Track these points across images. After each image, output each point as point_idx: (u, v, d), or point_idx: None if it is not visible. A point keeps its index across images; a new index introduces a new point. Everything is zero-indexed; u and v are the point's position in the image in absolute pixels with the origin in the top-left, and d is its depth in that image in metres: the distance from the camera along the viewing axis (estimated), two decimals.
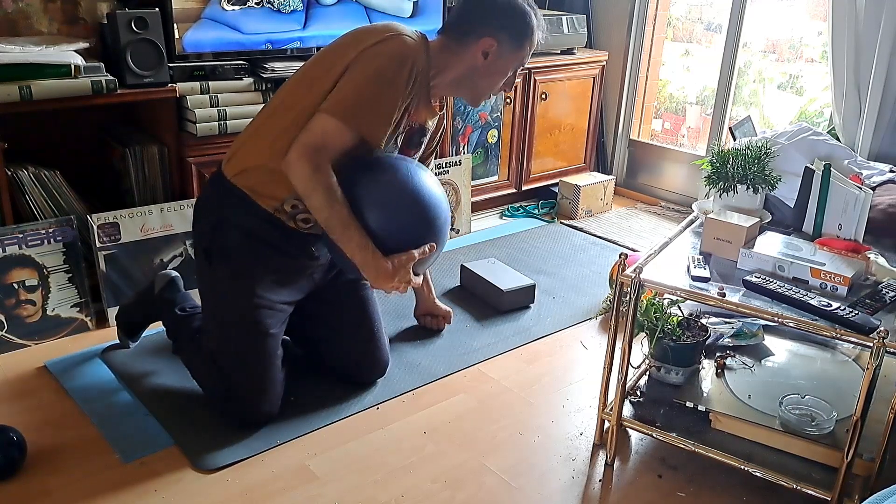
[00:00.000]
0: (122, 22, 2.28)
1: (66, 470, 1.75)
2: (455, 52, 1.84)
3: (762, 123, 3.67)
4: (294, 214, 1.82)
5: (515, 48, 1.85)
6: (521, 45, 1.85)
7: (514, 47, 1.84)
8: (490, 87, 1.91)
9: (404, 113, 1.78)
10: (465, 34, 1.82)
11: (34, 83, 2.14)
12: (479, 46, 1.82)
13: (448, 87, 1.89)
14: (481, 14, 1.83)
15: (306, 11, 2.69)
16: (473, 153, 3.32)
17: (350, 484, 1.76)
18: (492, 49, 1.82)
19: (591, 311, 2.62)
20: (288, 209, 1.81)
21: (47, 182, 2.31)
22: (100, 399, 2.01)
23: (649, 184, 3.91)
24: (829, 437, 1.70)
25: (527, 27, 1.84)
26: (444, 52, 1.84)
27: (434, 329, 2.44)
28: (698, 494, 1.78)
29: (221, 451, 1.83)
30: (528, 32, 1.85)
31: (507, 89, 1.95)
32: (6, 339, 2.23)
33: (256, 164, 1.79)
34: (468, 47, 1.82)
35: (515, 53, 1.86)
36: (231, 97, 2.51)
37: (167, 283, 2.18)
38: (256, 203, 1.80)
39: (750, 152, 2.01)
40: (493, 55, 1.83)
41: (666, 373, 1.93)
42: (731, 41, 3.40)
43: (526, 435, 1.97)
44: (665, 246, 1.89)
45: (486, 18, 1.81)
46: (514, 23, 1.83)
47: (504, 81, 1.91)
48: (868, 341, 1.48)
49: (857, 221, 1.91)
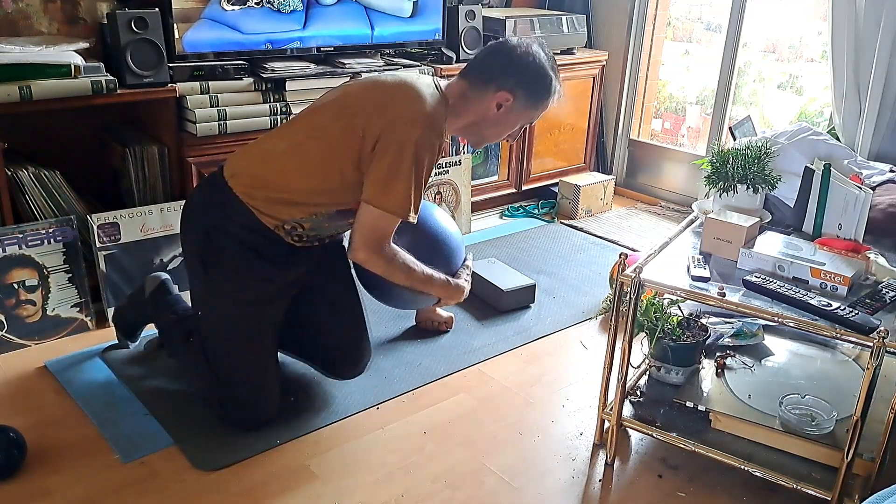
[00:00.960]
0: (122, 22, 2.28)
1: (66, 470, 1.75)
2: (471, 100, 1.85)
3: (762, 123, 3.67)
4: (291, 231, 1.86)
5: (529, 107, 1.87)
6: (535, 105, 1.87)
7: (528, 106, 1.87)
8: (496, 136, 1.94)
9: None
10: (486, 83, 1.83)
11: (34, 83, 2.14)
12: (496, 98, 1.83)
13: (457, 130, 1.92)
14: (506, 67, 1.83)
15: (306, 11, 2.69)
16: (473, 153, 3.32)
17: (350, 484, 1.76)
18: (507, 103, 1.84)
19: (591, 310, 2.62)
20: (288, 228, 1.85)
21: (47, 182, 2.31)
22: (100, 399, 2.01)
23: (649, 184, 3.91)
24: (829, 437, 1.70)
25: (545, 91, 1.86)
26: (461, 99, 1.85)
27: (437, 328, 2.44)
28: (698, 494, 1.78)
29: (221, 451, 1.83)
30: (545, 96, 1.87)
31: (510, 140, 1.99)
32: (6, 339, 2.23)
33: (263, 189, 1.82)
34: (484, 96, 1.84)
35: (528, 112, 1.88)
36: (231, 97, 2.51)
37: (157, 286, 2.18)
38: (258, 219, 1.82)
39: (750, 152, 2.01)
40: (506, 108, 1.85)
41: (666, 373, 1.94)
42: (730, 41, 3.40)
43: (526, 435, 1.97)
44: (665, 246, 1.89)
45: (509, 72, 1.82)
46: (534, 83, 1.84)
47: (510, 133, 1.94)
48: (868, 341, 1.48)
49: (857, 221, 1.91)
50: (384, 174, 1.73)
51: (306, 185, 1.80)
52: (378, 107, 1.76)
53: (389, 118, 1.73)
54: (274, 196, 1.81)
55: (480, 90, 1.84)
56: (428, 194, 3.11)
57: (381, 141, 1.72)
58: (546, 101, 1.88)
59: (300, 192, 1.80)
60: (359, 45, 2.86)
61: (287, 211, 1.81)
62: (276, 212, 1.81)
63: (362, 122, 1.74)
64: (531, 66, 1.83)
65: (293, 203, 1.81)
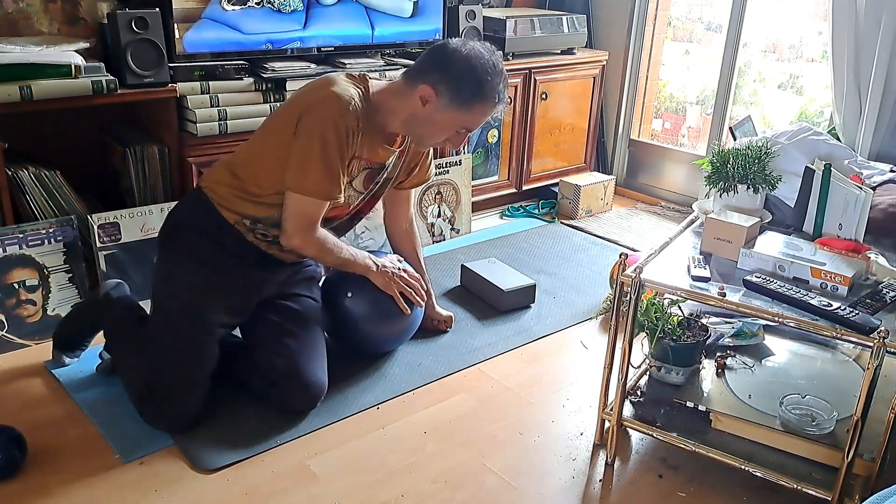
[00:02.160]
0: (123, 22, 2.28)
1: (66, 470, 1.75)
2: (402, 95, 1.92)
3: (762, 123, 3.67)
4: (253, 228, 1.95)
5: (457, 106, 1.88)
6: (462, 104, 1.87)
7: (455, 104, 1.87)
8: (430, 136, 1.97)
9: (352, 161, 1.92)
10: (414, 79, 1.90)
11: (34, 83, 2.14)
12: (419, 92, 1.87)
13: (400, 127, 1.97)
14: (433, 63, 1.88)
15: (306, 11, 2.69)
16: (473, 153, 3.32)
17: (350, 484, 1.76)
18: (431, 98, 1.87)
19: (591, 310, 2.62)
20: (247, 224, 1.94)
21: (48, 182, 2.31)
22: (100, 399, 2.00)
23: (649, 184, 3.91)
24: (830, 437, 1.70)
25: (473, 92, 1.86)
26: (394, 94, 1.93)
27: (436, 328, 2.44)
28: (699, 494, 1.78)
29: (221, 451, 1.83)
30: (473, 97, 1.86)
31: (453, 146, 2.02)
32: (6, 339, 2.23)
33: (225, 185, 1.94)
34: (413, 92, 1.89)
35: (458, 112, 1.89)
36: (231, 97, 2.51)
37: (114, 286, 2.16)
38: (219, 213, 1.93)
39: (750, 152, 2.01)
40: (431, 105, 1.88)
41: (666, 373, 1.93)
42: (731, 41, 3.40)
43: (526, 435, 1.97)
44: (665, 246, 1.89)
45: (436, 68, 1.87)
46: (460, 81, 1.85)
47: (448, 138, 1.96)
48: (868, 341, 1.48)
49: (858, 221, 1.91)
50: (299, 158, 1.84)
51: (261, 180, 1.90)
52: (299, 97, 1.91)
53: (305, 106, 1.85)
54: (234, 192, 1.92)
55: (410, 86, 1.90)
56: (429, 194, 3.11)
57: (298, 127, 1.83)
58: (477, 104, 1.88)
59: (257, 187, 1.90)
60: (359, 45, 2.87)
61: (245, 206, 1.91)
62: (234, 205, 1.92)
63: (290, 114, 1.87)
64: (459, 63, 1.85)
65: (251, 198, 1.91)
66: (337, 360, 2.19)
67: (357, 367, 2.21)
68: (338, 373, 2.16)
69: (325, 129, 1.81)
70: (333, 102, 1.82)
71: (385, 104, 1.92)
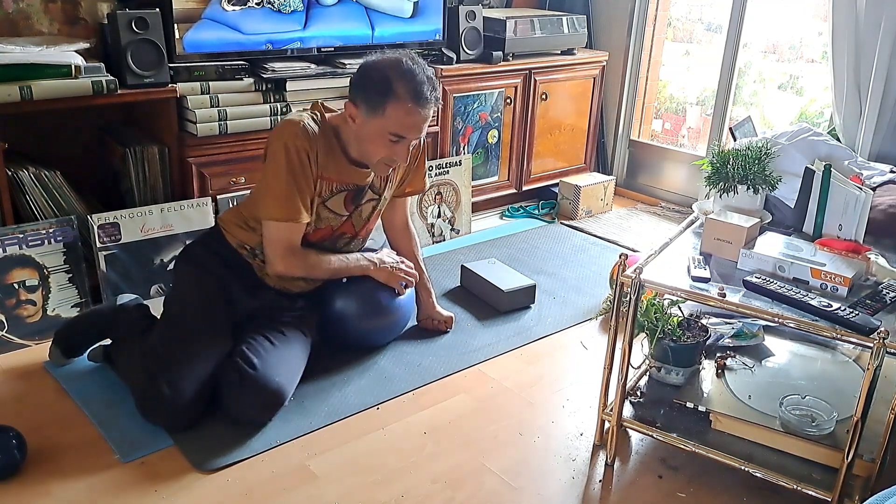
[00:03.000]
0: (123, 22, 2.28)
1: (66, 470, 1.75)
2: (344, 119, 1.99)
3: (762, 124, 3.67)
4: (253, 254, 2.08)
5: (372, 113, 1.90)
6: (377, 109, 1.89)
7: (370, 112, 1.91)
8: (370, 153, 1.98)
9: (317, 182, 1.98)
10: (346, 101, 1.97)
11: (35, 83, 2.14)
12: (347, 111, 1.95)
13: (354, 152, 2.02)
14: (352, 81, 1.96)
15: (306, 12, 2.69)
16: (474, 153, 3.32)
17: (350, 484, 1.76)
18: (353, 114, 1.94)
19: (591, 311, 2.62)
20: (248, 248, 2.07)
21: (48, 182, 2.31)
22: (100, 399, 2.01)
23: (649, 184, 3.91)
24: (830, 438, 1.70)
25: (383, 93, 1.87)
26: (342, 120, 2.00)
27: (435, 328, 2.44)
28: (698, 495, 1.78)
29: (221, 451, 1.83)
30: (386, 98, 1.88)
31: (400, 159, 1.99)
32: (6, 339, 2.23)
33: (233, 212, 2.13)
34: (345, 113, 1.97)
35: (376, 119, 1.91)
36: (231, 97, 2.51)
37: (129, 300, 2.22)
38: (224, 237, 2.09)
39: (750, 153, 2.01)
40: (357, 120, 1.94)
41: (666, 373, 1.93)
42: (731, 41, 3.40)
43: (526, 435, 1.97)
44: (665, 246, 1.89)
45: (353, 84, 1.95)
46: (368, 87, 1.90)
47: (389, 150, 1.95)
48: (868, 342, 1.48)
49: (858, 222, 1.91)
50: (261, 186, 2.01)
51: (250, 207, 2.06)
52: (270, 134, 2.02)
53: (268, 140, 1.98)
54: (237, 221, 2.08)
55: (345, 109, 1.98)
56: (429, 194, 3.11)
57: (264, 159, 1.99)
58: (389, 105, 1.87)
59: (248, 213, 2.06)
60: (359, 45, 2.86)
61: (244, 235, 2.06)
62: (236, 233, 2.07)
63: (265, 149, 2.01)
64: (368, 72, 1.91)
65: (248, 228, 2.06)
66: (336, 361, 2.20)
67: (356, 367, 2.21)
68: (337, 373, 2.17)
69: (277, 152, 1.91)
70: (284, 127, 1.94)
71: (342, 129, 2.00)
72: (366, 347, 2.28)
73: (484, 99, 3.26)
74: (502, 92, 3.32)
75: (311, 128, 1.94)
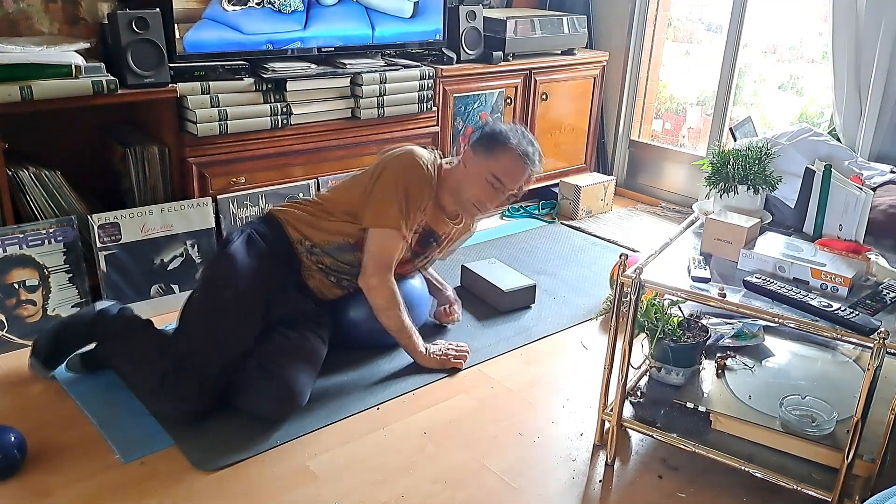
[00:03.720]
0: (123, 22, 2.28)
1: (66, 470, 1.75)
2: (455, 168, 2.21)
3: (763, 124, 3.67)
4: (310, 251, 2.14)
5: (484, 154, 2.13)
6: (489, 152, 2.13)
7: (482, 154, 2.13)
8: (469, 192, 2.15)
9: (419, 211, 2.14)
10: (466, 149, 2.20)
11: (35, 83, 2.14)
12: (462, 157, 2.18)
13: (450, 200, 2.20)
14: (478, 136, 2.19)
15: (307, 11, 2.69)
16: None
17: (350, 484, 1.76)
18: (468, 157, 2.16)
19: (591, 311, 2.62)
20: (307, 245, 2.13)
21: (48, 182, 2.31)
22: (100, 399, 2.01)
23: (650, 184, 3.91)
24: (830, 438, 1.70)
25: (499, 141, 2.12)
26: (451, 170, 2.21)
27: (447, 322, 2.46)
28: (699, 495, 1.78)
29: (221, 451, 1.83)
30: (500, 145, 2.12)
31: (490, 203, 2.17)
32: (7, 339, 2.23)
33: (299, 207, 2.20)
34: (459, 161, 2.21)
35: (485, 159, 2.13)
36: (231, 97, 2.51)
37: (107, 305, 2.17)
38: (284, 229, 2.14)
39: (750, 153, 2.01)
40: (468, 162, 2.16)
41: (666, 373, 1.93)
42: (731, 42, 3.40)
43: (526, 435, 1.97)
44: (665, 246, 1.89)
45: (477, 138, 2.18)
46: (489, 137, 2.15)
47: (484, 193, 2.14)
48: (868, 342, 1.48)
49: (858, 222, 1.91)
50: (379, 198, 2.09)
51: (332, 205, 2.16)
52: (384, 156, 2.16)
53: (388, 160, 2.13)
54: (304, 215, 2.16)
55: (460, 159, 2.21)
56: None
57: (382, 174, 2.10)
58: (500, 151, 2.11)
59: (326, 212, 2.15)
60: (359, 45, 2.87)
61: (310, 231, 2.13)
62: (302, 228, 2.14)
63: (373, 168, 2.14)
64: (492, 127, 2.18)
65: (316, 221, 2.14)
66: (336, 361, 2.20)
67: (357, 367, 2.21)
68: (337, 373, 2.17)
69: (405, 174, 2.10)
70: (414, 157, 2.13)
71: (446, 179, 2.19)
72: (376, 347, 2.29)
73: (484, 99, 3.26)
74: (502, 92, 3.32)
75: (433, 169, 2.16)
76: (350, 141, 2.85)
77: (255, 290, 2.01)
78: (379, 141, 2.93)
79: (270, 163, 2.67)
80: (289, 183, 2.73)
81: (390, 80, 2.85)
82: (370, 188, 2.10)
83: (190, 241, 2.52)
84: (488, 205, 2.18)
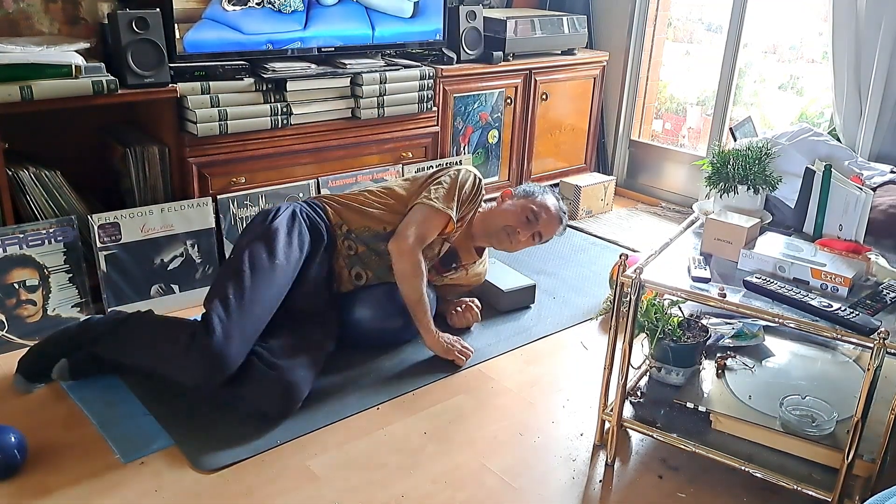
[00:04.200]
0: (123, 22, 2.28)
1: (66, 470, 1.75)
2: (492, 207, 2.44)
3: (763, 124, 3.67)
4: (347, 235, 2.25)
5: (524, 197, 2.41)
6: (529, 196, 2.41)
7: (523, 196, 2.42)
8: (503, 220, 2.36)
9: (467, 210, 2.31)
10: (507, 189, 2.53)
11: (35, 83, 2.14)
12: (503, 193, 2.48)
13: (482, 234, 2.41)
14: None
15: (307, 12, 2.69)
16: (474, 153, 3.32)
17: (350, 484, 1.76)
18: (507, 195, 2.46)
19: (591, 311, 2.62)
20: (344, 229, 2.25)
21: (48, 182, 2.31)
22: (100, 399, 2.00)
23: (650, 184, 3.91)
24: (830, 438, 1.70)
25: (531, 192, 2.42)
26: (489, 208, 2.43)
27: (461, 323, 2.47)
28: (699, 495, 1.78)
29: (221, 451, 1.83)
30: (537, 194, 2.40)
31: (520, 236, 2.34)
32: (6, 339, 2.23)
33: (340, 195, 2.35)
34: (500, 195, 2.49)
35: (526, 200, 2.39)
36: (232, 97, 2.51)
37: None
38: (326, 212, 2.26)
39: (750, 153, 2.01)
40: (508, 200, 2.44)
41: (666, 373, 1.93)
42: (731, 42, 3.40)
43: (526, 435, 1.97)
44: (665, 246, 1.89)
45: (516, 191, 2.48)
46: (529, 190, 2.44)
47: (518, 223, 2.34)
48: (868, 342, 1.48)
49: (858, 222, 1.91)
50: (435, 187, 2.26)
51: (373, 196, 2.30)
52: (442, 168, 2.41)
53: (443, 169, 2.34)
54: (344, 201, 2.29)
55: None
56: None
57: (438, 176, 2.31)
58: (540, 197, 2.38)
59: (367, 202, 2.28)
60: (360, 45, 2.87)
61: (349, 214, 2.26)
62: (342, 212, 2.26)
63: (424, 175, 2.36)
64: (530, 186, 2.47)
65: (357, 210, 2.26)
66: (337, 361, 2.20)
67: (357, 367, 2.21)
68: (337, 373, 2.16)
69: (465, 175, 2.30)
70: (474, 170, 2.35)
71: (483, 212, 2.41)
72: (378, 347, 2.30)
73: (484, 99, 3.26)
74: (503, 92, 3.32)
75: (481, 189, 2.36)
76: (350, 141, 2.85)
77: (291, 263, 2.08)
78: (379, 141, 2.93)
79: (270, 163, 2.68)
80: (289, 183, 2.74)
81: (390, 80, 2.85)
82: (427, 182, 2.28)
83: (190, 241, 2.52)
84: (518, 234, 2.33)
